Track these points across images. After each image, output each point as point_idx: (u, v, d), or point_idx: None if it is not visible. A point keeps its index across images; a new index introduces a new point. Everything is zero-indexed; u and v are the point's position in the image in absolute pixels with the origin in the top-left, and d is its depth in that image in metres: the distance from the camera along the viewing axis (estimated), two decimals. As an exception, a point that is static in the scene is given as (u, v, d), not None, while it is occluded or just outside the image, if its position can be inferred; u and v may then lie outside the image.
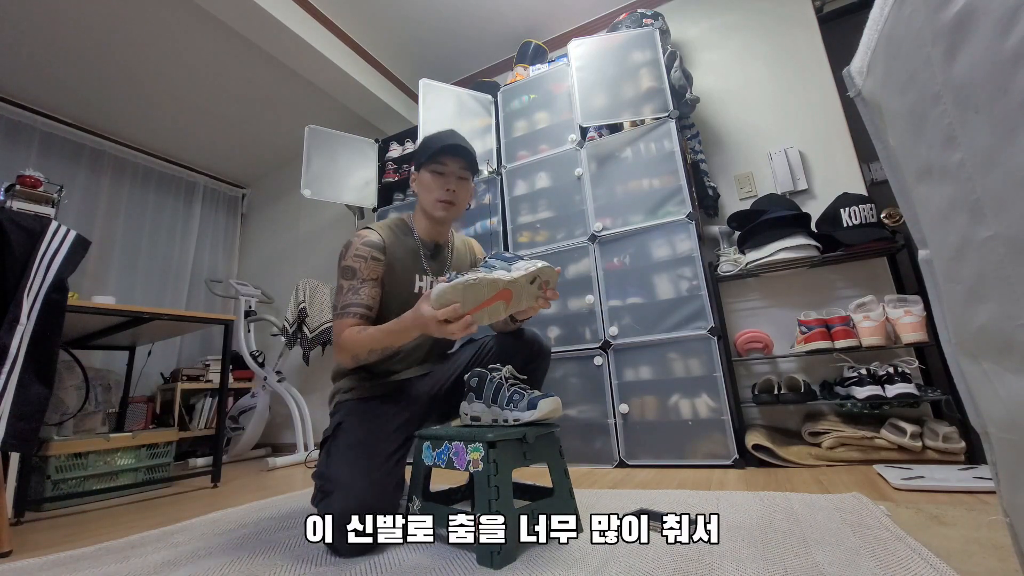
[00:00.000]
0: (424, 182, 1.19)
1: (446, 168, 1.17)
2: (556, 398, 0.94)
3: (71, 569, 0.95)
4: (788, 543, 0.79)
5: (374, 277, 1.12)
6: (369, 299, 1.09)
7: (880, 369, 1.46)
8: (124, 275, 3.09)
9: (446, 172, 1.17)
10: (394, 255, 1.17)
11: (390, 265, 1.16)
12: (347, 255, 1.12)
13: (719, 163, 2.12)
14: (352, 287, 1.09)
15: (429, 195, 1.18)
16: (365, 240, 1.14)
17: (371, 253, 1.12)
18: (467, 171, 1.20)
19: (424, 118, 2.18)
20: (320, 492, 0.98)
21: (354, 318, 1.06)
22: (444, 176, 1.17)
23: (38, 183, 1.50)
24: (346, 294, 1.09)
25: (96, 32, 2.36)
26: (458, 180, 1.19)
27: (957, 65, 0.30)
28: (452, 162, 1.17)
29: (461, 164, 1.18)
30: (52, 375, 1.23)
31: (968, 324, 0.36)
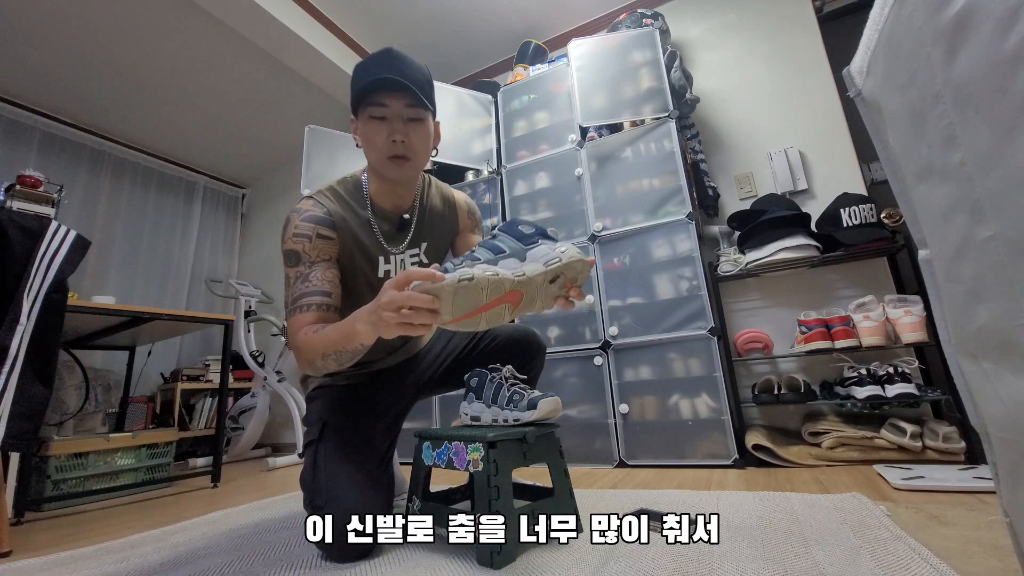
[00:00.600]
0: (364, 133, 0.91)
1: (387, 110, 0.88)
2: (556, 398, 0.94)
3: (71, 569, 0.95)
4: (788, 543, 0.79)
5: (326, 257, 0.89)
6: (325, 284, 0.87)
7: (880, 369, 1.46)
8: (124, 275, 3.09)
9: (388, 115, 0.88)
10: (347, 230, 0.94)
11: (344, 245, 0.93)
12: (285, 237, 0.90)
13: (719, 163, 2.12)
14: (300, 275, 0.87)
15: (373, 150, 0.91)
16: (306, 215, 0.90)
17: (315, 230, 0.90)
18: (418, 108, 0.90)
19: (424, 118, 2.18)
20: (311, 506, 0.91)
21: (309, 311, 0.84)
22: (386, 121, 0.89)
23: (38, 183, 1.50)
24: (294, 285, 0.87)
25: (96, 32, 2.36)
26: (407, 123, 0.90)
27: (957, 65, 0.30)
28: (393, 100, 0.88)
29: (406, 101, 0.88)
30: (52, 375, 1.23)
31: (968, 324, 0.36)
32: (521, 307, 0.73)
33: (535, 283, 0.71)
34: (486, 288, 0.67)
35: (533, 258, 0.73)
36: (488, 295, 0.67)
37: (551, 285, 0.74)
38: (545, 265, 0.72)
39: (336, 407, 1.01)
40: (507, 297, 0.70)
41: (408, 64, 0.89)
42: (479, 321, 0.70)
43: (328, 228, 0.91)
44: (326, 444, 0.95)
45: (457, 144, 2.24)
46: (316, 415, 1.02)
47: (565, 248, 0.74)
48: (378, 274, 0.99)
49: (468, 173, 2.36)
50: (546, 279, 0.72)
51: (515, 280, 0.69)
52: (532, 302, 0.74)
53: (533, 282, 0.71)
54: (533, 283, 0.71)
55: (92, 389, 2.17)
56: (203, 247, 3.60)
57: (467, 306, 0.67)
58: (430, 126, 0.95)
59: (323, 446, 0.95)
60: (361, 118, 0.90)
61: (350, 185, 0.99)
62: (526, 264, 0.72)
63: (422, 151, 0.93)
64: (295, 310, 0.85)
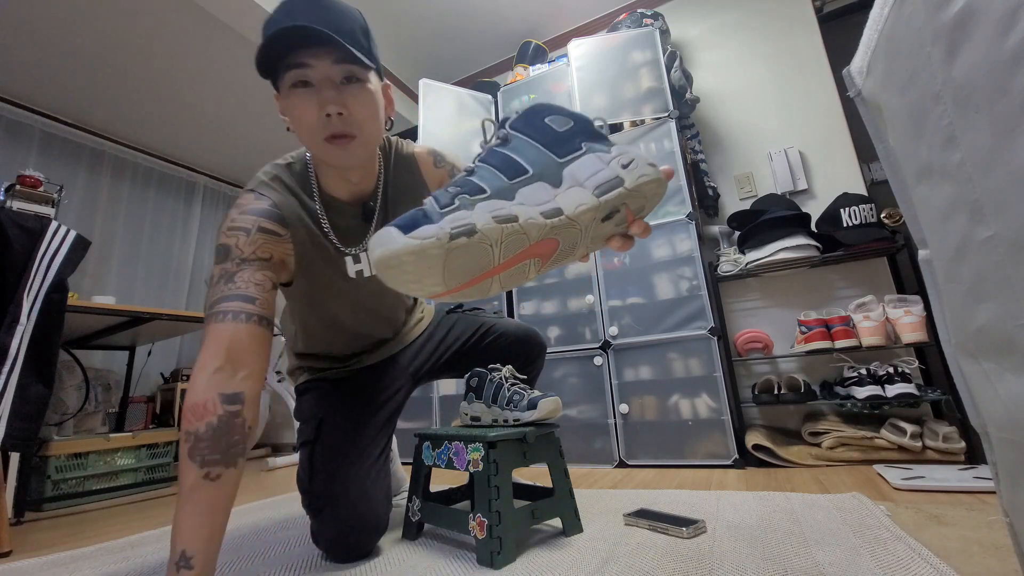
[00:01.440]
0: (289, 108, 0.71)
1: (310, 72, 0.67)
2: (556, 398, 0.94)
3: (71, 569, 0.95)
4: (788, 543, 0.79)
5: (263, 256, 0.73)
6: (250, 287, 0.69)
7: (880, 369, 1.46)
8: (124, 275, 3.09)
9: (314, 80, 0.68)
10: (302, 227, 0.79)
11: (301, 245, 0.79)
12: (220, 230, 0.74)
13: (719, 163, 2.12)
14: (224, 273, 0.70)
15: (305, 130, 0.71)
16: (247, 208, 0.75)
17: (257, 223, 0.74)
18: (352, 65, 0.68)
19: (424, 118, 2.18)
20: (310, 508, 0.88)
21: (224, 322, 0.66)
22: (314, 89, 0.68)
23: (38, 183, 1.50)
24: (215, 285, 0.70)
25: (96, 32, 2.35)
26: (341, 88, 0.69)
27: (957, 65, 0.30)
28: (317, 60, 0.67)
29: (334, 57, 0.67)
30: (52, 375, 1.23)
31: (968, 324, 0.36)
32: (554, 259, 0.49)
33: (580, 223, 0.46)
34: (499, 243, 0.43)
35: (575, 178, 0.47)
36: (502, 253, 0.44)
37: (604, 223, 0.48)
38: (597, 194, 0.46)
39: (331, 402, 0.96)
40: (533, 250, 0.46)
41: (331, 9, 0.67)
42: (488, 286, 0.47)
43: (275, 222, 0.75)
44: (322, 444, 0.91)
45: (457, 144, 2.24)
46: (310, 410, 0.97)
47: (630, 159, 0.48)
48: (349, 275, 0.86)
49: (468, 173, 2.35)
50: (598, 216, 0.47)
51: (548, 226, 0.44)
52: (571, 250, 0.49)
53: (577, 223, 0.46)
54: (577, 224, 0.46)
55: (92, 389, 2.17)
56: (203, 247, 3.60)
57: (469, 270, 0.43)
58: (375, 88, 0.73)
59: (319, 446, 0.91)
60: (283, 89, 0.70)
61: (298, 170, 0.81)
62: (564, 192, 0.47)
63: (369, 122, 0.72)
64: (210, 317, 0.68)
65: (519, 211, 0.44)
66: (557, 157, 0.49)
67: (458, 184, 0.47)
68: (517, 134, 0.51)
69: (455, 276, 0.43)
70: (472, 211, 0.43)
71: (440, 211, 0.43)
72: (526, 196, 0.46)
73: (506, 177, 0.47)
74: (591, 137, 0.51)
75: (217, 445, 0.61)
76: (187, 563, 0.56)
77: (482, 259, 0.43)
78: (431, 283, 0.42)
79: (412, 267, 0.40)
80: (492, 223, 0.43)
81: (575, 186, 0.47)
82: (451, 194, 0.45)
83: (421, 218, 0.42)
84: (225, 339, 0.65)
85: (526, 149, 0.50)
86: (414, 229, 0.41)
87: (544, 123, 0.51)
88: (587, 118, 0.52)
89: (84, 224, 2.90)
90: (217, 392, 0.63)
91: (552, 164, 0.49)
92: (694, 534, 0.85)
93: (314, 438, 0.92)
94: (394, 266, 0.40)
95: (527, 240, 0.44)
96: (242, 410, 0.64)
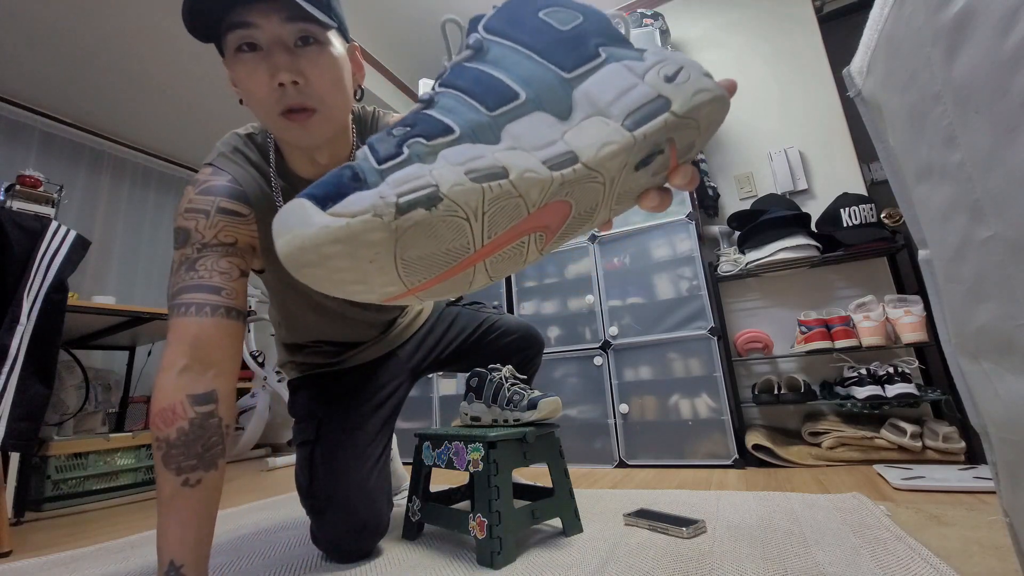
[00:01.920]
0: (238, 78, 0.60)
1: (258, 33, 0.57)
2: (556, 398, 0.94)
3: (71, 569, 0.95)
4: (788, 543, 0.79)
5: (226, 241, 0.65)
6: (215, 277, 0.63)
7: (880, 369, 1.46)
8: (124, 275, 3.09)
9: (262, 41, 0.57)
10: (267, 207, 0.70)
11: (266, 227, 0.69)
12: (178, 211, 0.66)
13: (719, 163, 2.12)
14: (185, 259, 0.63)
15: (256, 104, 0.60)
16: (206, 185, 0.66)
17: (217, 203, 0.65)
18: (307, 23, 0.58)
19: (424, 118, 2.18)
20: (311, 510, 0.87)
21: (188, 315, 0.60)
22: (263, 54, 0.57)
23: (38, 183, 1.50)
24: (175, 273, 0.63)
25: (96, 32, 2.35)
26: (295, 52, 0.58)
27: (957, 65, 0.30)
28: (264, 18, 0.56)
29: (284, 14, 0.56)
30: (52, 375, 1.23)
31: (968, 324, 0.36)
32: (563, 231, 0.34)
33: (605, 173, 0.31)
34: (479, 214, 0.28)
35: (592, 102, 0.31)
36: (486, 229, 0.29)
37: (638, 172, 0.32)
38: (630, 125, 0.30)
39: (328, 400, 0.93)
40: (534, 220, 0.31)
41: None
42: (469, 279, 0.33)
43: (236, 201, 0.66)
44: (322, 445, 0.89)
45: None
46: (306, 409, 0.94)
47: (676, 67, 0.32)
48: None
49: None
50: (630, 161, 0.31)
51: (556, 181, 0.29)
52: (589, 215, 0.34)
53: (600, 173, 0.30)
54: (599, 176, 0.30)
55: (92, 389, 2.17)
56: (203, 247, 3.60)
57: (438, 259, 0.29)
58: (338, 51, 0.62)
59: (320, 447, 0.89)
60: (228, 55, 0.59)
61: (259, 142, 0.71)
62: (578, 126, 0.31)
63: (332, 93, 0.61)
64: (172, 310, 0.62)
65: (509, 159, 0.29)
66: (562, 70, 0.33)
67: (407, 123, 0.31)
68: (497, 39, 0.34)
69: (416, 269, 0.29)
70: (433, 164, 0.28)
71: (378, 167, 0.28)
72: (519, 135, 0.30)
73: (484, 107, 0.31)
74: (612, 39, 0.34)
75: (191, 450, 0.57)
76: (177, 573, 0.54)
77: (455, 240, 0.29)
78: (381, 282, 0.29)
79: (344, 261, 0.26)
80: (466, 182, 0.27)
81: (594, 115, 0.31)
82: (396, 138, 0.29)
83: (349, 181, 0.27)
84: (190, 335, 0.60)
85: (514, 61, 0.33)
86: (338, 200, 0.26)
87: (539, 20, 0.34)
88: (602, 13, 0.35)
89: (84, 224, 2.90)
90: (185, 394, 0.58)
91: (555, 82, 0.32)
92: (694, 534, 0.85)
93: (314, 439, 0.90)
94: (313, 263, 0.26)
95: (524, 207, 0.29)
96: (216, 409, 0.60)
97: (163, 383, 0.59)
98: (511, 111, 0.31)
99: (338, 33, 0.63)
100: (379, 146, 0.29)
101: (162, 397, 0.58)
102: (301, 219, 0.26)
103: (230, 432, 0.62)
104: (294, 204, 0.27)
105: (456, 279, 0.32)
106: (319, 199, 0.27)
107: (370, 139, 0.31)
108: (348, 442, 0.90)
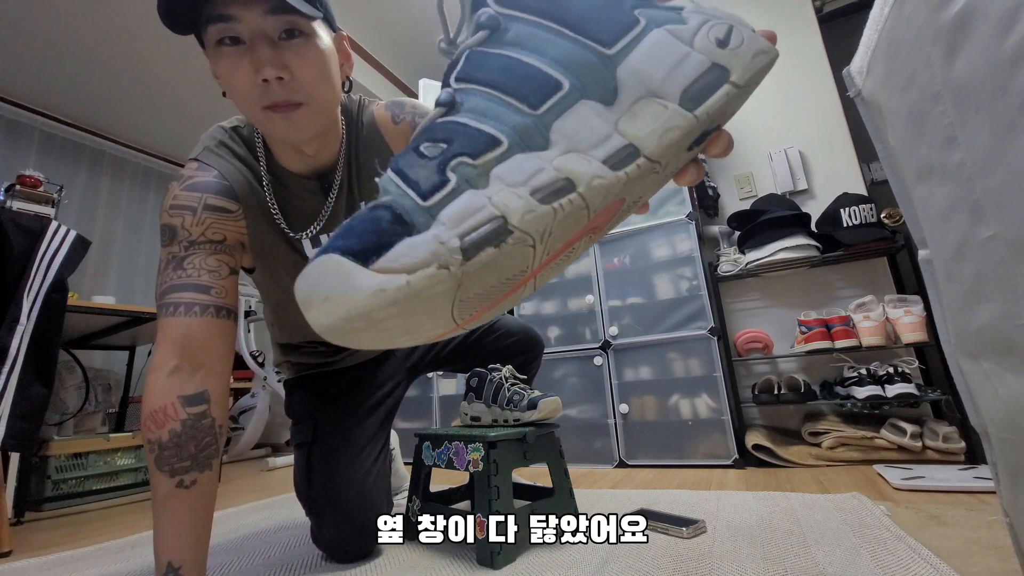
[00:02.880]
0: (220, 71, 0.58)
1: (239, 26, 0.54)
2: (556, 398, 0.94)
3: (71, 569, 0.95)
4: (788, 543, 0.79)
5: (214, 238, 0.64)
6: (203, 275, 0.62)
7: (880, 369, 1.46)
8: (124, 275, 3.09)
9: (244, 35, 0.55)
10: (254, 202, 0.68)
11: (254, 223, 0.68)
12: (163, 208, 0.65)
13: (719, 163, 2.12)
14: (172, 257, 0.62)
15: (239, 98, 0.58)
16: (189, 182, 0.65)
17: (204, 200, 0.64)
18: (290, 15, 0.55)
19: (424, 118, 2.18)
20: (311, 511, 0.87)
21: (177, 315, 0.59)
22: (245, 47, 0.55)
23: (38, 183, 1.50)
24: (163, 271, 0.62)
25: (96, 32, 2.35)
26: (279, 46, 0.56)
27: (957, 65, 0.30)
28: (244, 11, 0.54)
29: (266, 6, 0.54)
30: (52, 375, 1.23)
31: (968, 324, 0.36)
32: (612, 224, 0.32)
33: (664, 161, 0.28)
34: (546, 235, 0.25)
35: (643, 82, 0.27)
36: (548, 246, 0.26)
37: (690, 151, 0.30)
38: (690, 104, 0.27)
39: (324, 401, 0.92)
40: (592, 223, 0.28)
41: None
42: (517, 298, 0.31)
43: (224, 197, 0.65)
44: (319, 446, 0.88)
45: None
46: (303, 410, 0.93)
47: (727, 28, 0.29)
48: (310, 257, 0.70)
49: (468, 173, 2.35)
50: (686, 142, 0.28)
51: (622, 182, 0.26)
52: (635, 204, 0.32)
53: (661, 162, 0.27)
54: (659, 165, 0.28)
55: (92, 389, 2.17)
56: (203, 247, 3.60)
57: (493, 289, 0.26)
58: (324, 42, 0.60)
59: (316, 448, 0.88)
60: (209, 47, 0.57)
61: (246, 135, 0.70)
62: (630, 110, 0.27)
63: (319, 86, 0.59)
64: (161, 309, 0.60)
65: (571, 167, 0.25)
66: (603, 46, 0.28)
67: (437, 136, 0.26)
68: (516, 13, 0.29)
69: (470, 305, 0.26)
70: (488, 188, 0.24)
71: (424, 203, 0.24)
72: (571, 134, 0.26)
73: (527, 104, 0.26)
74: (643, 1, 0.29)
75: (184, 451, 0.57)
76: (176, 574, 0.54)
77: (517, 266, 0.25)
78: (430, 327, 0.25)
79: (397, 320, 0.23)
80: (537, 207, 0.24)
81: (645, 96, 0.27)
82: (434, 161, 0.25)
83: (391, 226, 0.23)
84: (179, 335, 0.59)
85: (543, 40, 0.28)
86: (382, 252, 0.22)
87: None
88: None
89: (84, 224, 2.90)
90: (176, 395, 0.58)
91: (596, 61, 0.28)
92: (694, 534, 0.85)
93: (311, 440, 0.89)
94: (360, 329, 0.23)
95: (587, 215, 0.26)
96: (208, 410, 0.60)
97: (153, 384, 0.58)
98: (556, 105, 0.27)
99: (324, 23, 0.61)
100: (413, 173, 0.25)
101: (153, 399, 0.57)
102: (341, 282, 0.22)
103: (224, 432, 0.62)
104: (326, 263, 0.22)
105: (506, 302, 0.29)
106: (357, 253, 0.22)
107: (396, 163, 0.26)
108: (345, 443, 0.90)
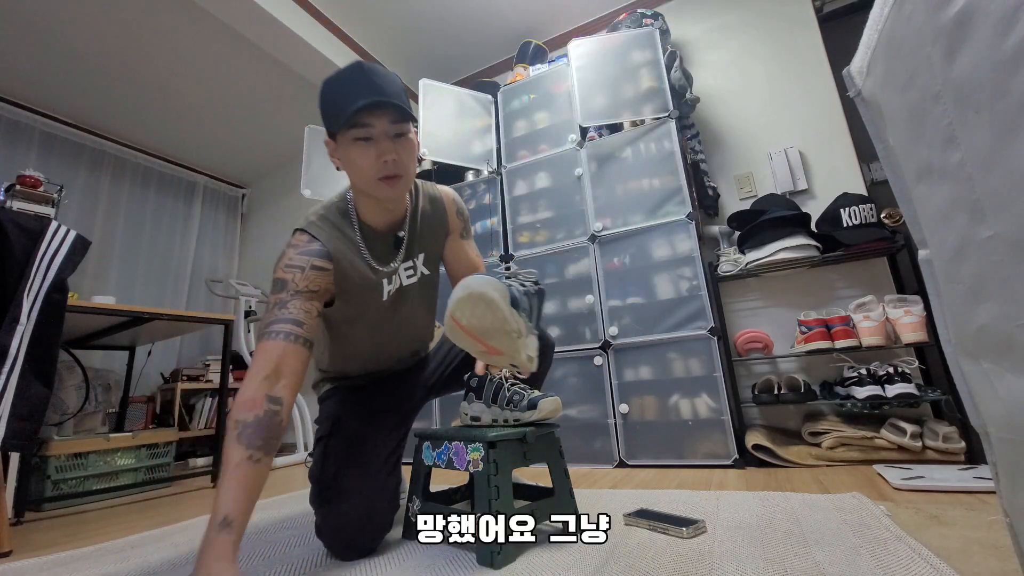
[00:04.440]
0: (348, 156, 0.88)
1: (372, 130, 0.85)
2: (556, 398, 0.94)
3: (71, 569, 0.95)
4: (788, 543, 0.79)
5: (313, 289, 0.87)
6: (300, 314, 0.84)
7: (880, 369, 1.46)
8: (124, 275, 3.09)
9: (374, 135, 0.85)
10: (344, 258, 0.92)
11: (342, 273, 0.92)
12: (277, 267, 0.88)
13: (719, 163, 2.12)
14: (279, 302, 0.84)
15: (361, 173, 0.88)
16: (302, 250, 0.89)
17: (311, 262, 0.87)
18: (402, 123, 0.87)
19: (424, 118, 2.18)
20: (319, 499, 0.93)
21: (276, 339, 0.80)
22: (372, 142, 0.85)
23: (38, 183, 1.50)
24: (270, 310, 0.85)
25: (96, 32, 2.36)
26: (394, 140, 0.86)
27: (957, 65, 0.30)
28: (378, 120, 0.84)
29: (391, 117, 0.85)
30: (52, 375, 1.23)
31: (968, 324, 0.36)
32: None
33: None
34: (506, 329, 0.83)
35: None
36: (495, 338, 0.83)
37: None
38: None
39: (347, 405, 1.05)
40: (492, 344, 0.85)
41: (384, 78, 0.86)
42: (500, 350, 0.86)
43: (324, 259, 0.89)
44: (336, 438, 0.98)
45: (457, 144, 2.24)
46: (327, 412, 1.05)
47: None
48: (382, 299, 0.98)
49: (468, 173, 2.36)
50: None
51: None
52: None
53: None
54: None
55: (92, 389, 2.17)
56: (203, 247, 3.60)
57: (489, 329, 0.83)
58: (415, 138, 0.92)
59: (333, 440, 0.98)
60: (342, 141, 0.87)
61: (339, 209, 0.97)
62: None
63: (411, 166, 0.91)
64: (263, 335, 0.82)
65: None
66: None
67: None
68: None
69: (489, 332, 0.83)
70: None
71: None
72: None
73: None
74: None
75: (261, 433, 0.73)
76: (228, 525, 0.66)
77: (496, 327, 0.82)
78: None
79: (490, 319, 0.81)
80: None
81: None
82: None
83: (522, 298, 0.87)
84: (275, 354, 0.79)
85: None
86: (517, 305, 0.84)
87: None
88: None
89: (84, 224, 2.90)
90: (264, 393, 0.76)
91: None
92: (694, 534, 0.86)
93: (329, 432, 0.99)
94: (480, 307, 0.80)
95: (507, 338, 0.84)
96: (280, 411, 0.77)
97: (249, 384, 0.77)
98: None
99: (412, 124, 0.90)
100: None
101: (247, 392, 0.76)
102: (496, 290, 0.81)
103: (283, 434, 0.78)
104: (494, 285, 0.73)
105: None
106: None
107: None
108: (360, 436, 0.98)
